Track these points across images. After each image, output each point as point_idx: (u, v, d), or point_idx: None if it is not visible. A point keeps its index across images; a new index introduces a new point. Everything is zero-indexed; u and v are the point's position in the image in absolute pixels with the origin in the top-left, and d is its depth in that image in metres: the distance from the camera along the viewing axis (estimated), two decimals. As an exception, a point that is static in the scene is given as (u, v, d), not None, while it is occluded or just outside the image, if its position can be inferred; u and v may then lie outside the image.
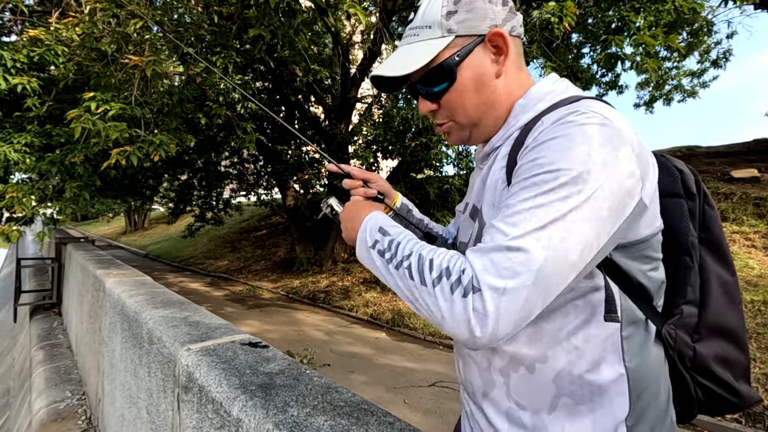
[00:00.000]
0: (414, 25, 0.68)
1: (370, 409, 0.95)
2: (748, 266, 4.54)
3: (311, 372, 1.21)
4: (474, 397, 0.72)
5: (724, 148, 8.24)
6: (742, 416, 2.95)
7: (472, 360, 0.72)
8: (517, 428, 0.64)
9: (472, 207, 0.75)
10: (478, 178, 0.75)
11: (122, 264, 3.43)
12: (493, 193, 0.66)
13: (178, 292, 7.94)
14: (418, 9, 0.69)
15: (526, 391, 0.63)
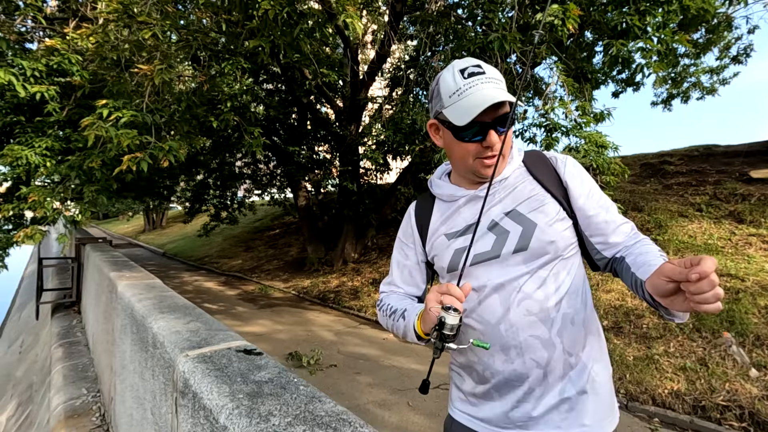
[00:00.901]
0: (491, 76, 0.91)
1: (348, 419, 0.99)
2: (765, 270, 4.43)
3: (298, 381, 1.25)
4: (540, 369, 0.92)
5: (744, 146, 8.00)
6: (749, 425, 2.89)
7: (539, 340, 0.92)
8: (571, 370, 0.92)
9: (507, 214, 0.97)
10: (481, 199, 0.98)
11: (135, 266, 3.55)
12: (531, 202, 0.96)
13: (192, 291, 8.15)
14: (481, 67, 0.92)
15: (571, 342, 0.93)
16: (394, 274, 1.15)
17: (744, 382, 3.19)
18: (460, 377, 1.04)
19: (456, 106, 0.90)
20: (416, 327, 0.94)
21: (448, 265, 0.99)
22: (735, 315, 3.86)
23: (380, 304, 1.12)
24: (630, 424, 3.14)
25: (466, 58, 0.96)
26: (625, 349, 3.96)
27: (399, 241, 1.15)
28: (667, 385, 3.39)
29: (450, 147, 0.99)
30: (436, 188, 1.09)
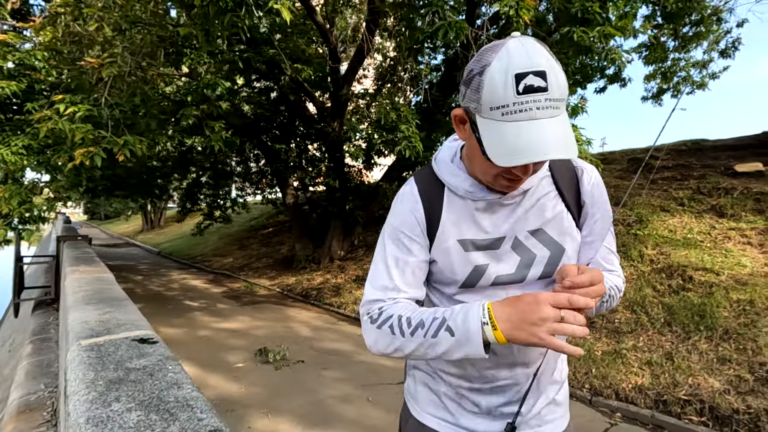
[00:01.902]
0: (553, 97, 0.66)
1: (195, 405, 0.96)
2: (740, 264, 4.37)
3: (173, 368, 1.23)
4: (537, 378, 0.88)
5: (732, 141, 7.91)
6: (709, 419, 2.84)
7: (542, 355, 0.89)
8: (554, 372, 0.94)
9: (534, 233, 0.87)
10: (505, 210, 0.86)
11: (97, 261, 3.55)
12: (559, 223, 0.87)
13: (178, 288, 8.16)
14: (545, 76, 0.65)
15: None
16: (393, 275, 0.87)
17: (707, 376, 3.14)
18: (434, 380, 0.96)
19: (494, 127, 0.69)
20: (491, 334, 0.72)
21: (465, 281, 0.86)
22: (706, 309, 3.80)
23: (381, 318, 0.83)
24: (592, 419, 3.10)
25: (528, 49, 0.67)
26: (595, 344, 3.91)
27: (396, 232, 0.89)
28: (632, 380, 3.35)
29: (472, 151, 0.80)
30: (449, 176, 0.88)
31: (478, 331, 0.73)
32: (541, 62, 0.66)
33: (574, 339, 0.92)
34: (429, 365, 0.97)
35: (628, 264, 4.99)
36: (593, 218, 0.91)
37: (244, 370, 3.89)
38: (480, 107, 0.70)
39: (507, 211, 0.86)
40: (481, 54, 0.73)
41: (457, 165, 0.89)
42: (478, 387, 0.91)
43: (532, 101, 0.65)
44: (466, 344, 0.74)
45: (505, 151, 0.68)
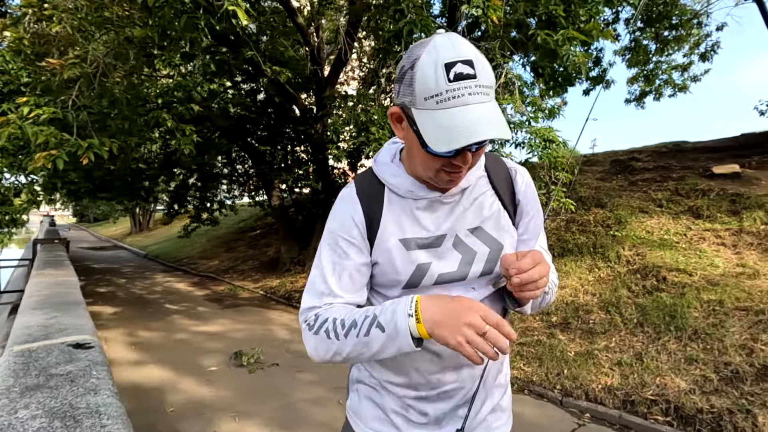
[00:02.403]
0: (482, 83, 0.70)
1: (105, 413, 0.95)
2: (713, 265, 4.42)
3: (100, 374, 1.22)
4: (482, 381, 0.89)
5: (712, 143, 8.02)
6: (674, 419, 2.87)
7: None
8: (499, 375, 0.98)
9: (473, 231, 0.88)
10: (445, 208, 0.87)
11: (66, 265, 3.52)
12: (497, 220, 0.90)
13: (160, 292, 8.08)
14: (473, 64, 0.69)
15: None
16: (328, 280, 0.85)
17: (674, 376, 3.17)
18: (379, 393, 0.94)
19: (430, 117, 0.71)
20: (414, 327, 0.72)
21: (408, 281, 0.85)
22: (677, 309, 3.84)
23: (317, 323, 0.82)
24: (561, 420, 3.11)
25: (454, 41, 0.71)
26: (568, 345, 3.93)
27: (333, 236, 0.87)
28: (602, 380, 3.37)
29: (411, 147, 0.81)
30: (389, 176, 0.88)
31: (405, 324, 0.73)
32: (467, 52, 0.69)
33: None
34: (373, 377, 0.96)
35: (606, 265, 5.04)
36: (528, 216, 0.95)
37: (217, 373, 3.86)
38: (415, 100, 0.72)
39: (447, 210, 0.87)
40: (410, 51, 0.75)
41: (397, 165, 0.90)
42: (425, 395, 0.90)
43: (463, 87, 0.68)
44: (397, 338, 0.73)
45: (443, 137, 0.69)
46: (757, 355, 3.08)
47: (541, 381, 3.58)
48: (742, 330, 3.37)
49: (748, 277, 4.07)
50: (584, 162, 8.64)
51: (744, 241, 4.69)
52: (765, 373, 2.92)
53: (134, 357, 4.26)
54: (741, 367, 3.03)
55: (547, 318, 4.49)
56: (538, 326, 4.41)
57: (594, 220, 6.06)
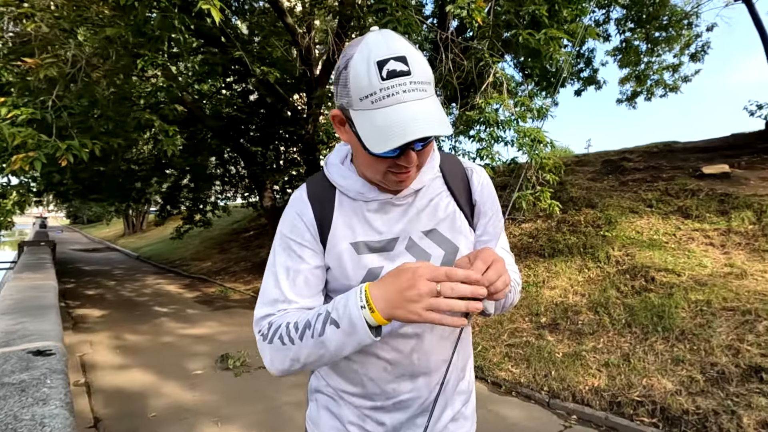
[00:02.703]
0: (417, 80, 0.67)
1: (49, 424, 0.92)
2: (701, 265, 4.42)
3: (54, 383, 1.18)
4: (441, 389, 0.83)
5: (702, 143, 8.06)
6: (660, 420, 2.85)
7: (445, 363, 0.88)
8: (460, 383, 0.95)
9: (427, 234, 0.86)
10: (397, 210, 0.85)
11: (46, 268, 3.46)
12: (452, 222, 0.87)
13: (150, 294, 8.01)
14: (406, 60, 0.67)
15: (464, 355, 0.96)
16: (282, 285, 0.81)
17: (661, 377, 3.16)
18: (336, 403, 0.91)
19: (366, 117, 0.68)
20: (370, 317, 0.68)
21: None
22: (665, 310, 3.83)
23: (271, 331, 0.77)
24: (547, 422, 3.10)
25: (387, 38, 0.68)
26: (557, 346, 3.92)
27: (285, 240, 0.84)
28: (589, 382, 3.36)
29: (355, 150, 0.79)
30: (339, 178, 0.85)
31: (359, 316, 0.68)
32: (400, 48, 0.67)
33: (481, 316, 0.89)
34: (330, 387, 0.92)
35: (595, 265, 5.03)
36: (486, 217, 0.93)
37: (202, 377, 3.82)
38: (351, 101, 0.70)
39: (400, 212, 0.85)
40: (344, 51, 0.73)
41: (348, 167, 0.87)
42: (381, 405, 0.87)
43: (397, 85, 0.66)
44: (354, 333, 0.69)
45: (380, 137, 0.66)
46: (743, 355, 3.07)
47: (528, 382, 3.56)
48: (729, 330, 3.37)
49: (735, 277, 4.07)
50: (576, 162, 8.65)
51: (732, 241, 4.69)
52: (750, 374, 2.91)
53: (118, 361, 4.21)
54: (727, 367, 3.02)
55: (536, 319, 4.47)
56: (527, 327, 4.39)
57: (585, 220, 6.05)
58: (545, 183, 4.68)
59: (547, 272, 5.27)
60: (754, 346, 3.12)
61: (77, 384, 3.56)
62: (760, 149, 6.80)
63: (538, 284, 5.08)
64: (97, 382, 3.64)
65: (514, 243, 6.17)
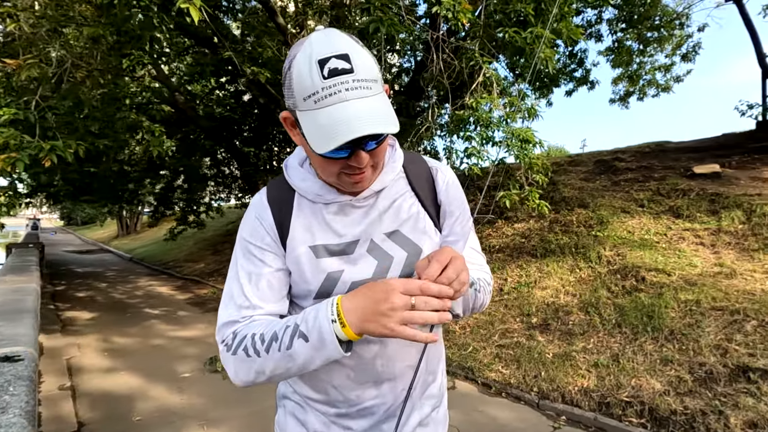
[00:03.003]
0: (360, 77, 0.66)
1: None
2: (692, 264, 4.43)
3: (16, 390, 1.15)
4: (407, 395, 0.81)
5: (693, 143, 8.09)
6: (648, 421, 2.85)
7: (410, 368, 0.86)
8: (428, 388, 0.93)
9: (390, 236, 0.84)
10: (358, 212, 0.83)
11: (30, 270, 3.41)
12: (415, 223, 0.85)
13: (142, 296, 7.95)
14: (349, 58, 0.65)
15: (432, 361, 0.93)
16: (245, 290, 0.79)
17: (650, 378, 3.16)
18: (303, 409, 0.89)
19: (310, 117, 0.66)
20: (341, 332, 0.67)
21: (319, 290, 0.80)
22: (655, 310, 3.83)
23: (236, 342, 0.75)
24: (537, 423, 3.08)
25: (330, 36, 0.67)
26: (547, 347, 3.91)
27: (246, 244, 0.82)
28: (578, 382, 3.35)
29: (308, 152, 0.77)
30: (298, 180, 0.84)
31: (330, 331, 0.68)
32: (342, 46, 0.66)
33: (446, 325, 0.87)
34: (297, 393, 0.91)
35: (587, 265, 5.03)
36: (452, 217, 0.91)
37: (190, 380, 3.78)
38: (296, 101, 0.68)
39: (361, 214, 0.83)
40: (290, 51, 0.72)
41: (307, 170, 0.85)
42: (345, 412, 0.85)
43: (339, 83, 0.64)
44: (323, 348, 0.68)
45: (323, 136, 0.65)
46: (731, 355, 3.07)
47: (518, 383, 3.55)
48: (717, 330, 3.37)
49: (725, 277, 4.08)
50: (569, 162, 8.67)
51: (722, 240, 4.71)
52: (738, 374, 2.91)
53: (106, 364, 4.16)
54: (715, 367, 3.02)
55: (527, 319, 4.47)
56: (518, 328, 4.38)
57: (577, 220, 6.06)
58: (534, 183, 4.67)
59: (539, 272, 5.27)
60: (741, 345, 3.12)
61: (62, 388, 3.52)
62: (750, 149, 6.83)
63: (529, 284, 5.08)
64: (83, 386, 3.59)
65: (507, 243, 6.17)
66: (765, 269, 4.04)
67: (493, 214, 7.13)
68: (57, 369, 3.98)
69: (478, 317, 4.78)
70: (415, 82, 7.03)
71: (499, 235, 6.51)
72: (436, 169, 0.93)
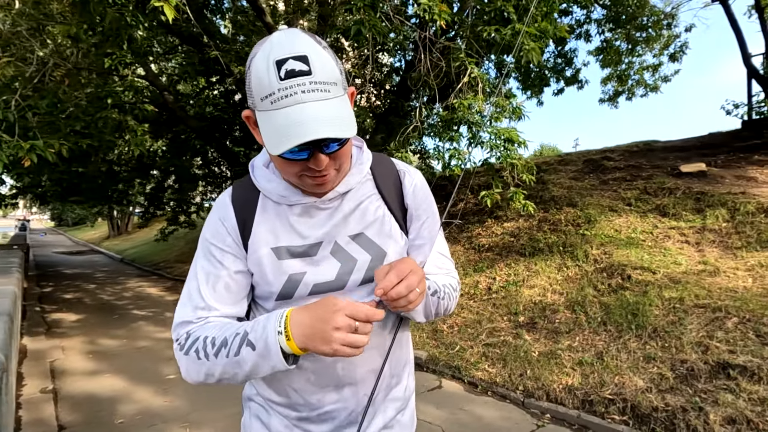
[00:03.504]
0: (318, 80, 0.65)
1: None
2: (676, 262, 4.47)
3: None
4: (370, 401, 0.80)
5: (680, 142, 8.17)
6: (630, 418, 2.87)
7: (373, 373, 0.85)
8: (392, 390, 0.92)
9: (354, 238, 0.83)
10: (323, 214, 0.82)
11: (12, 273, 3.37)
12: (380, 226, 0.84)
13: (130, 297, 7.88)
14: (307, 60, 0.65)
15: (396, 365, 0.92)
16: (202, 291, 0.79)
17: (632, 375, 3.18)
18: (266, 412, 0.89)
19: (267, 118, 0.66)
20: (285, 345, 0.68)
21: (280, 292, 0.80)
22: (639, 308, 3.86)
23: (188, 342, 0.76)
24: (520, 422, 3.10)
25: (291, 37, 0.67)
26: (533, 345, 3.93)
27: (207, 244, 0.82)
28: (563, 380, 3.37)
29: (269, 153, 0.74)
30: (263, 181, 0.83)
31: (275, 342, 0.68)
32: (302, 48, 0.65)
33: None
34: (261, 396, 0.90)
35: (574, 264, 5.06)
36: (420, 221, 0.91)
37: (175, 381, 3.75)
38: (254, 101, 0.68)
39: (325, 215, 0.83)
40: (252, 50, 0.71)
41: (272, 170, 0.85)
42: (306, 415, 0.85)
43: (296, 85, 0.64)
44: (268, 358, 0.69)
45: (278, 138, 0.65)
46: (712, 352, 3.10)
47: (504, 382, 3.56)
48: (700, 327, 3.40)
49: (708, 275, 4.12)
50: (559, 162, 8.71)
51: (706, 238, 4.76)
52: (718, 371, 2.94)
53: (90, 366, 4.12)
54: (696, 364, 3.05)
55: (515, 318, 4.48)
56: (506, 326, 4.40)
57: (565, 219, 6.09)
58: (521, 183, 4.69)
59: (527, 271, 5.29)
60: (722, 342, 3.15)
61: (44, 391, 3.48)
62: (736, 148, 6.91)
63: (518, 283, 5.10)
64: (66, 389, 3.55)
65: (496, 242, 6.19)
66: (747, 267, 4.09)
67: (481, 213, 7.15)
68: (40, 372, 3.93)
69: (466, 316, 4.80)
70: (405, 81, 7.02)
71: (489, 234, 6.53)
72: (404, 172, 0.92)
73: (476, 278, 5.46)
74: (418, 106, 5.84)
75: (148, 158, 9.91)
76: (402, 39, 5.13)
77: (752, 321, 3.28)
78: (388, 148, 4.81)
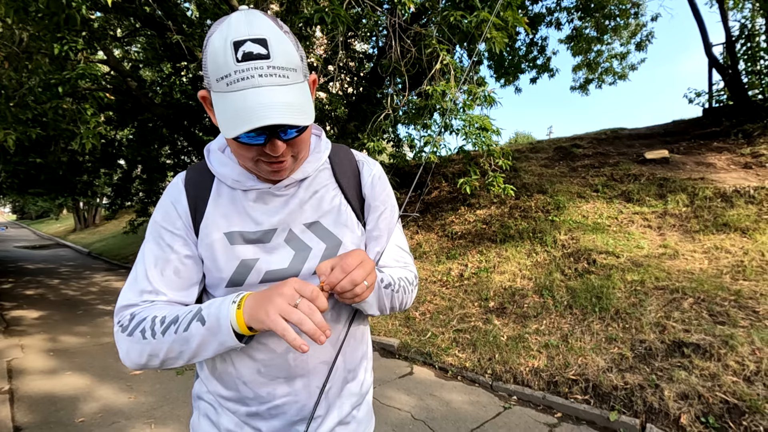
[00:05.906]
0: (277, 65, 0.64)
1: None
2: (639, 246, 4.62)
3: None
4: (323, 394, 0.79)
5: (645, 129, 8.41)
6: (591, 397, 2.97)
7: (326, 365, 0.83)
8: (348, 384, 0.89)
9: (309, 227, 0.82)
10: (278, 200, 0.81)
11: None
12: (337, 215, 0.84)
13: (97, 292, 7.62)
14: (266, 44, 0.63)
15: (351, 359, 0.90)
16: (150, 275, 0.77)
17: (595, 356, 3.29)
18: (216, 411, 0.85)
19: (222, 99, 0.64)
20: (233, 315, 0.67)
21: (231, 278, 0.78)
22: (603, 291, 3.98)
23: (132, 323, 0.73)
24: (487, 404, 3.16)
25: (250, 18, 0.64)
26: (502, 330, 4.01)
27: (157, 227, 0.80)
28: (530, 363, 3.45)
29: (225, 136, 0.71)
30: (218, 165, 0.81)
31: (226, 315, 0.68)
32: (262, 31, 0.64)
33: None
34: (210, 393, 0.87)
35: (543, 249, 5.17)
36: (377, 212, 0.91)
37: (140, 377, 3.65)
38: (210, 81, 0.66)
39: (281, 202, 0.81)
40: (210, 29, 0.69)
41: (228, 155, 0.83)
42: (256, 410, 0.82)
43: (253, 68, 0.62)
44: (218, 331, 0.68)
45: (232, 121, 0.63)
46: (669, 331, 3.23)
47: (473, 367, 3.63)
48: (658, 308, 3.54)
49: (668, 258, 4.28)
50: (530, 149, 8.84)
51: (668, 222, 4.93)
52: (674, 349, 3.07)
53: (51, 365, 3.96)
54: (654, 344, 3.18)
55: (485, 304, 4.56)
56: (476, 312, 4.47)
57: (535, 205, 6.20)
58: (497, 169, 4.73)
59: (498, 257, 5.37)
60: (678, 322, 3.29)
61: (0, 392, 3.33)
62: (697, 135, 7.15)
63: (489, 270, 5.18)
64: (23, 389, 3.41)
65: (469, 229, 6.26)
66: (704, 249, 4.26)
67: (455, 201, 7.20)
68: (-4, 372, 3.75)
69: (438, 303, 4.84)
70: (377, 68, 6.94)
71: (462, 221, 6.59)
72: (363, 163, 0.92)
73: (449, 265, 5.52)
74: (390, 93, 5.79)
75: (113, 148, 9.52)
76: (373, 25, 5.04)
77: (706, 301, 3.44)
78: (360, 136, 4.75)
